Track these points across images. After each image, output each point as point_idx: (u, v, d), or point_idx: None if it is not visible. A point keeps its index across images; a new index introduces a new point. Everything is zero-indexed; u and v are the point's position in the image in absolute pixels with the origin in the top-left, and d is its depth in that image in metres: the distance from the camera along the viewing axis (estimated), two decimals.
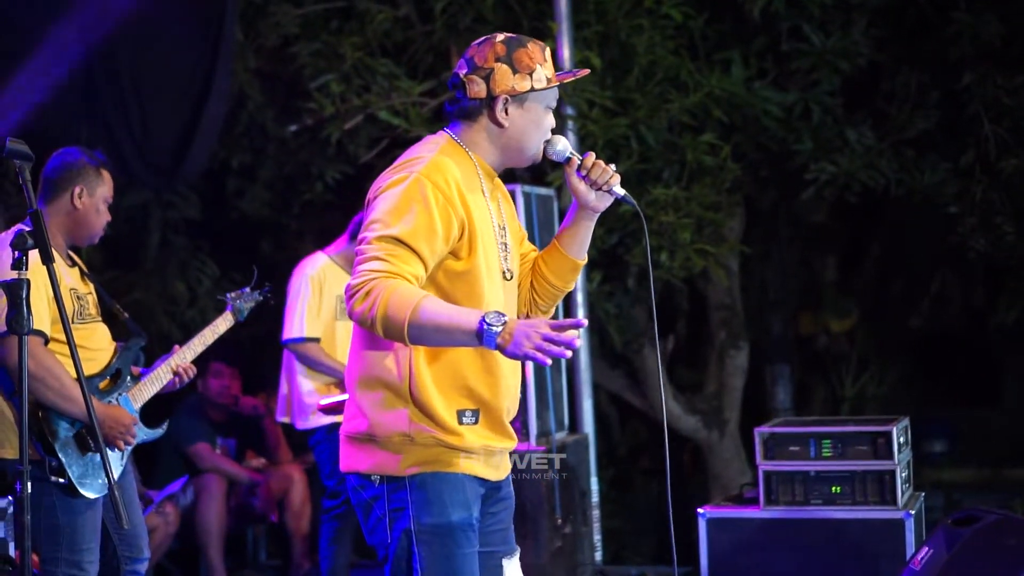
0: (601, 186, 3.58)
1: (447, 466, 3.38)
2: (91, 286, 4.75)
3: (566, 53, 7.46)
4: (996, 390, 11.23)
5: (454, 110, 3.53)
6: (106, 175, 4.69)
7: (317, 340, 6.22)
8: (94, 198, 4.64)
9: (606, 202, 3.63)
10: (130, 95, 7.17)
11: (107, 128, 7.18)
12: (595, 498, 7.37)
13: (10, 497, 4.74)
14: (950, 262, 9.86)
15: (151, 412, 4.93)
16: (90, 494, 4.49)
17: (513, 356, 3.16)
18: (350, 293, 3.24)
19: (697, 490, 9.12)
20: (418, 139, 3.69)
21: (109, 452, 4.57)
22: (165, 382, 4.81)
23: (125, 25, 7.04)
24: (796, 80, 7.99)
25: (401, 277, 3.23)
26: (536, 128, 3.51)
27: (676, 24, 7.71)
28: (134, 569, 4.80)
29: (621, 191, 3.60)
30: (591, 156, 3.58)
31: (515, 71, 3.45)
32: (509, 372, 3.51)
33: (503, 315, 3.16)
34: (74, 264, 4.74)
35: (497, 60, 3.44)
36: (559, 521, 6.76)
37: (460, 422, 3.39)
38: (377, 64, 7.85)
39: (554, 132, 3.59)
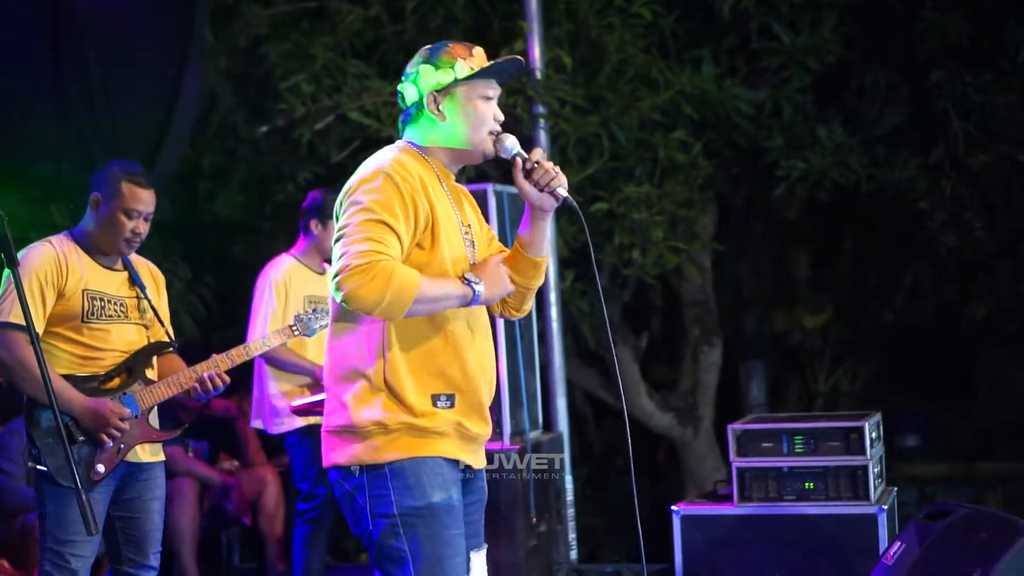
0: (543, 188, 3.63)
1: (423, 450, 3.46)
2: (137, 291, 4.85)
3: (537, 52, 7.46)
4: (969, 385, 11.27)
5: (404, 119, 3.70)
6: (128, 187, 4.72)
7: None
8: (109, 208, 4.71)
9: (552, 202, 3.67)
10: (100, 97, 7.13)
11: (78, 131, 7.15)
12: (570, 496, 7.37)
13: None
14: (922, 257, 9.90)
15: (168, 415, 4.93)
16: (70, 484, 4.48)
17: (491, 300, 3.58)
18: (346, 272, 3.34)
19: (672, 487, 9.14)
20: (389, 139, 3.78)
21: (109, 441, 4.60)
22: (185, 387, 4.80)
23: (95, 27, 7.01)
24: (766, 78, 8.02)
25: (393, 258, 3.39)
26: (469, 117, 3.61)
27: (647, 22, 7.73)
28: (136, 573, 4.79)
29: (563, 193, 3.64)
30: (536, 154, 3.64)
31: (436, 67, 3.60)
32: (483, 355, 3.62)
33: (473, 273, 3.52)
34: (123, 269, 4.84)
35: (421, 63, 3.62)
36: (534, 519, 6.76)
37: (435, 406, 3.49)
38: (348, 64, 7.84)
39: (507, 130, 3.68)
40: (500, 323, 6.83)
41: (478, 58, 3.64)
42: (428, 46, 3.68)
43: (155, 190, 4.82)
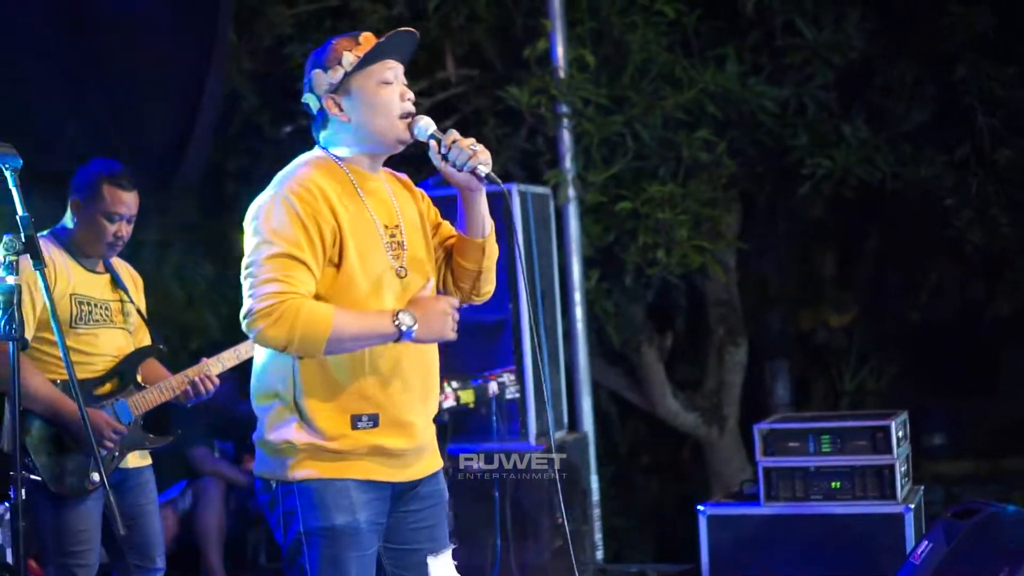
0: (461, 168, 3.47)
1: (332, 472, 3.43)
2: (121, 294, 4.77)
3: (560, 51, 7.45)
4: (994, 382, 11.20)
5: (314, 129, 3.58)
6: (110, 189, 4.63)
7: None
8: (89, 211, 4.61)
9: (476, 181, 3.51)
10: (124, 100, 7.15)
11: (102, 132, 7.17)
12: (595, 496, 7.36)
13: (6, 503, 4.72)
14: (947, 254, 9.84)
15: (150, 416, 4.90)
16: (64, 493, 4.46)
17: (429, 341, 3.45)
18: (251, 316, 3.31)
19: (697, 487, 9.11)
20: None
21: (102, 449, 4.51)
22: (176, 392, 4.74)
23: (117, 26, 7.03)
24: (790, 75, 7.98)
25: (300, 296, 3.32)
26: (373, 107, 3.47)
27: (669, 20, 7.71)
28: None
29: (484, 171, 3.46)
30: (452, 135, 3.48)
31: (325, 68, 3.49)
32: (411, 371, 3.52)
33: (409, 311, 3.38)
34: (104, 272, 4.75)
35: (311, 69, 3.52)
36: (559, 519, 6.75)
37: (355, 427, 3.43)
38: None
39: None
40: (525, 323, 6.83)
41: (365, 45, 3.49)
42: (314, 49, 3.57)
43: (181, 191, 4.77)
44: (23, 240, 3.50)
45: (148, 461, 4.81)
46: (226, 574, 7.32)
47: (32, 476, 4.43)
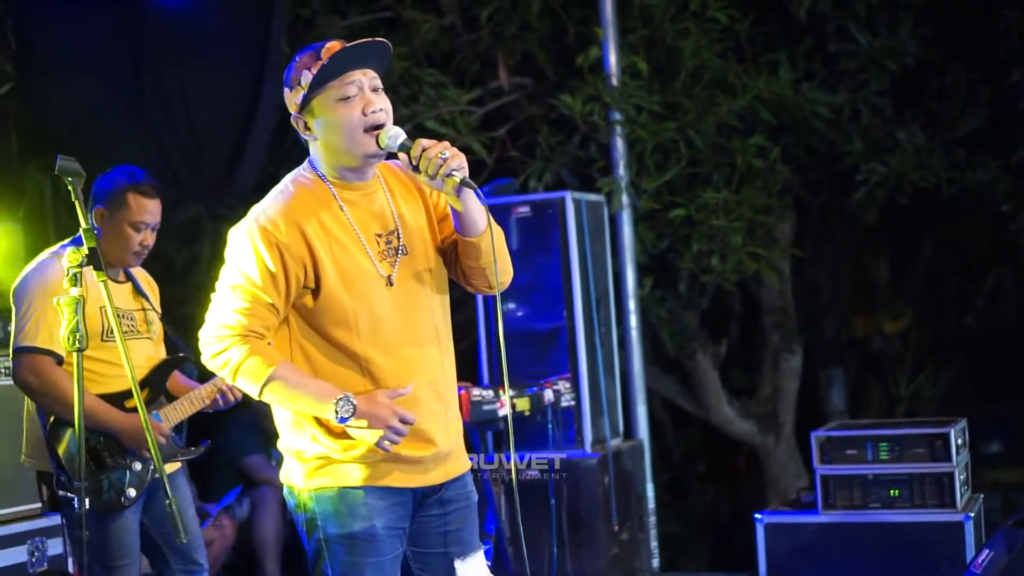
0: (435, 176, 3.36)
1: (346, 480, 3.45)
2: (142, 302, 4.76)
3: (612, 58, 7.45)
4: None
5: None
6: (135, 198, 4.61)
7: None
8: (115, 221, 4.58)
9: (451, 188, 3.41)
10: (179, 110, 7.21)
11: (158, 142, 7.23)
12: (651, 504, 7.34)
13: (55, 515, 4.74)
14: (1003, 260, 9.76)
15: (202, 426, 4.93)
16: (101, 509, 4.47)
17: (360, 432, 3.39)
18: (203, 340, 3.45)
19: (752, 495, 9.07)
20: (466, 148, 3.66)
21: (137, 465, 4.56)
22: (206, 402, 4.74)
23: (174, 38, 7.10)
24: (844, 81, 7.94)
25: (254, 335, 3.39)
26: (334, 125, 3.41)
27: (722, 27, 7.68)
28: None
29: (459, 177, 3.35)
30: (419, 145, 3.39)
31: (291, 88, 3.46)
32: (422, 380, 3.50)
33: (351, 400, 3.34)
34: (126, 280, 4.74)
35: (283, 89, 3.49)
36: (616, 528, 6.74)
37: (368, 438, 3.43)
38: (424, 74, 7.86)
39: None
40: (580, 331, 6.83)
41: (327, 58, 3.40)
42: (286, 67, 3.50)
43: (235, 202, 4.77)
44: (87, 252, 3.55)
45: (177, 465, 4.79)
46: None
47: (69, 494, 4.45)
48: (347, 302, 3.42)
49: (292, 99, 3.45)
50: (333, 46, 3.43)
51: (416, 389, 3.48)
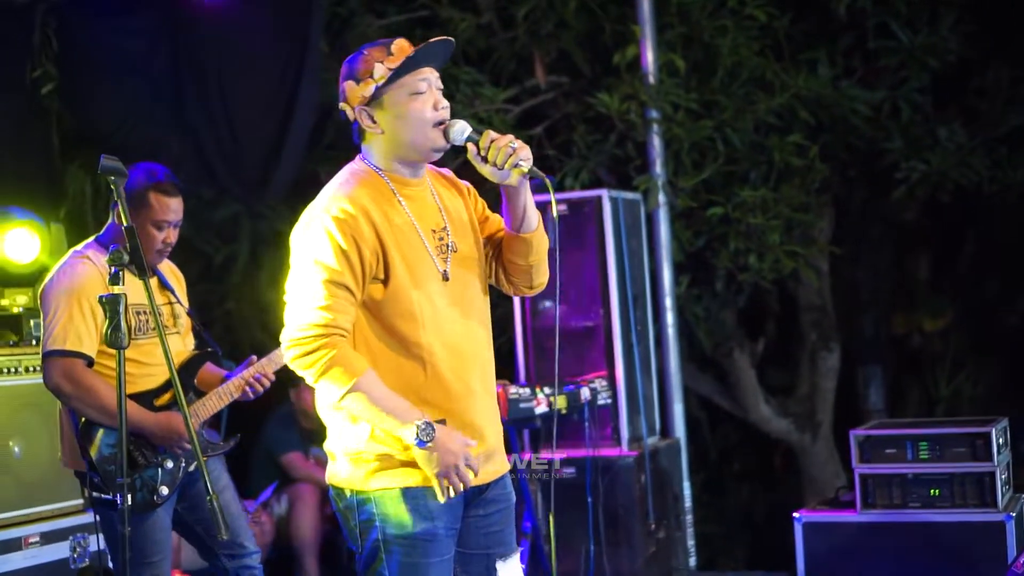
0: (502, 167, 3.45)
1: (406, 479, 3.45)
2: (168, 295, 4.77)
3: (649, 56, 7.43)
4: None
5: (354, 137, 3.59)
6: (157, 198, 4.59)
7: None
8: (137, 221, 4.52)
9: (518, 176, 3.50)
10: (219, 109, 7.26)
11: (197, 142, 7.28)
12: (688, 503, 7.33)
13: (92, 510, 4.76)
14: None
15: (242, 422, 4.95)
16: (135, 509, 4.49)
17: (427, 464, 3.39)
18: (289, 342, 3.39)
19: (789, 494, 9.03)
20: None
21: (168, 463, 4.58)
22: (235, 396, 4.74)
23: (213, 38, 7.14)
24: (884, 78, 7.90)
25: (339, 333, 3.37)
26: (406, 119, 3.46)
27: (760, 24, 7.66)
28: (244, 564, 4.79)
29: (526, 167, 3.46)
30: (488, 136, 3.46)
31: (357, 81, 3.47)
32: (472, 375, 3.54)
33: (433, 428, 3.36)
34: (151, 275, 4.70)
35: (344, 80, 3.51)
36: (652, 526, 6.74)
37: None
38: (460, 72, 7.88)
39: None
40: (617, 329, 6.83)
41: (398, 55, 3.46)
42: (347, 59, 3.55)
43: (274, 200, 4.75)
44: (128, 251, 3.57)
45: (209, 453, 4.79)
46: None
47: (104, 495, 4.47)
48: (413, 293, 3.45)
49: (359, 91, 3.47)
50: (403, 42, 3.50)
51: (471, 382, 3.53)
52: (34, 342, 5.71)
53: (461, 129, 3.47)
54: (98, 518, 4.58)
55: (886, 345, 9.89)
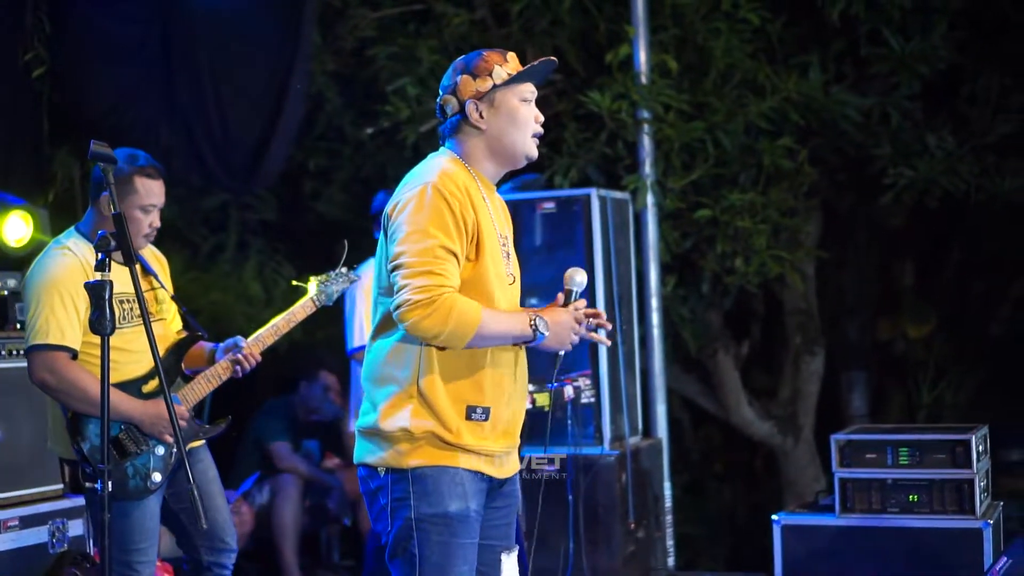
0: (587, 333, 3.76)
1: (446, 460, 3.56)
2: (151, 280, 4.75)
3: (643, 56, 7.44)
4: None
5: (445, 130, 3.76)
6: (142, 181, 4.57)
7: None
8: (123, 206, 4.48)
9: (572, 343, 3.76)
10: (209, 98, 7.25)
11: (187, 130, 7.27)
12: (668, 503, 7.34)
13: (82, 496, 4.77)
14: None
15: (230, 410, 4.94)
16: (128, 497, 4.49)
17: (550, 349, 3.67)
18: (407, 306, 3.45)
19: (770, 496, 9.06)
20: None
21: (160, 449, 4.57)
22: (223, 378, 4.73)
23: (205, 26, 7.13)
24: (875, 84, 7.92)
25: (452, 289, 3.49)
26: (512, 120, 3.68)
27: (753, 27, 7.67)
28: (218, 561, 4.78)
29: (602, 337, 3.81)
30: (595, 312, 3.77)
31: (475, 76, 3.68)
32: (520, 372, 3.73)
33: (544, 319, 3.59)
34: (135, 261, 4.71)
35: (459, 74, 3.69)
36: (632, 526, 6.75)
37: (469, 417, 3.58)
38: None
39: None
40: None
41: (512, 63, 3.72)
42: (463, 57, 3.76)
43: (262, 190, 4.73)
44: (115, 237, 3.57)
45: (201, 442, 4.79)
46: (300, 571, 7.39)
47: (95, 486, 4.39)
48: (493, 279, 3.63)
49: (475, 86, 3.66)
50: (514, 55, 3.75)
51: (518, 380, 3.72)
52: (18, 326, 5.70)
53: (581, 281, 3.75)
54: (87, 501, 4.57)
55: (870, 350, 9.92)
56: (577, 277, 3.74)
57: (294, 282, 5.32)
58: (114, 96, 7.28)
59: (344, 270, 5.21)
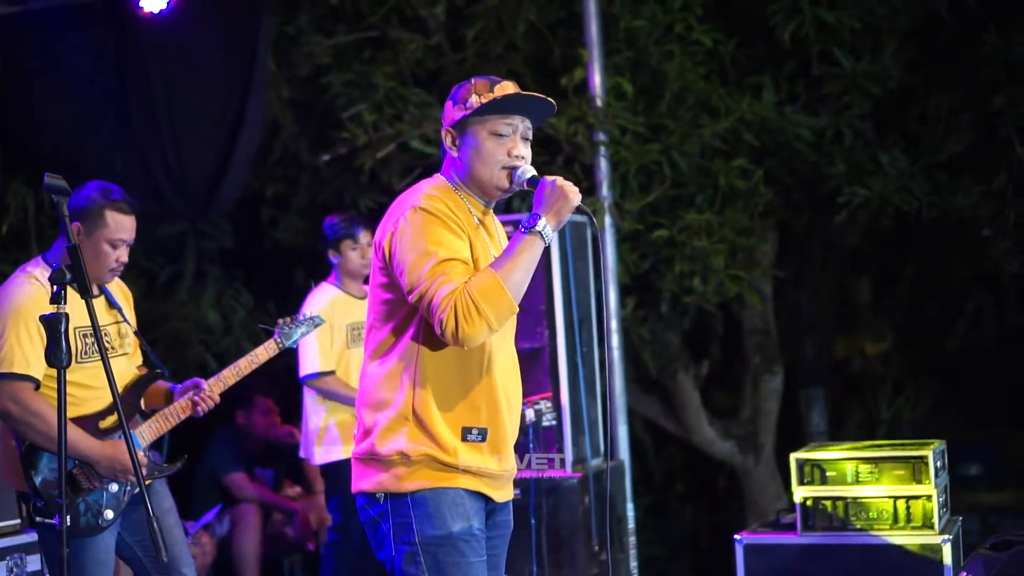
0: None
1: (445, 481, 3.53)
2: (116, 315, 4.72)
3: (597, 79, 7.47)
4: None
5: (442, 155, 3.75)
6: (112, 216, 4.56)
7: (333, 372, 6.23)
8: (92, 239, 4.52)
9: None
10: (164, 126, 7.23)
11: (142, 158, 7.25)
12: (631, 524, 7.34)
13: (34, 531, 4.72)
14: (985, 283, 9.81)
15: (184, 444, 4.92)
16: (79, 533, 4.45)
17: (561, 224, 3.60)
18: (445, 327, 3.41)
19: (732, 516, 9.09)
20: None
21: (113, 487, 4.54)
22: (181, 418, 4.72)
23: (159, 54, 7.12)
24: (827, 104, 7.99)
25: (463, 284, 3.45)
26: (479, 153, 3.63)
27: (706, 49, 7.72)
28: None
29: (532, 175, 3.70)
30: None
31: (455, 104, 3.66)
32: (513, 393, 3.69)
33: (535, 215, 3.53)
34: (98, 293, 4.67)
35: (448, 99, 3.69)
36: (596, 548, 6.75)
37: (465, 439, 3.55)
38: (409, 93, 7.89)
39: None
40: (562, 350, 6.84)
41: (498, 94, 3.63)
42: (460, 83, 3.72)
43: (219, 218, 4.72)
44: (71, 270, 3.55)
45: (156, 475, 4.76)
46: None
47: (47, 520, 4.41)
48: None
49: (452, 112, 3.65)
50: (509, 85, 3.67)
51: (512, 402, 3.69)
52: None
53: (524, 170, 3.65)
54: (40, 537, 4.53)
55: (828, 368, 9.98)
56: (524, 168, 3.66)
57: (260, 326, 5.35)
58: (68, 126, 7.25)
59: (308, 314, 5.28)
